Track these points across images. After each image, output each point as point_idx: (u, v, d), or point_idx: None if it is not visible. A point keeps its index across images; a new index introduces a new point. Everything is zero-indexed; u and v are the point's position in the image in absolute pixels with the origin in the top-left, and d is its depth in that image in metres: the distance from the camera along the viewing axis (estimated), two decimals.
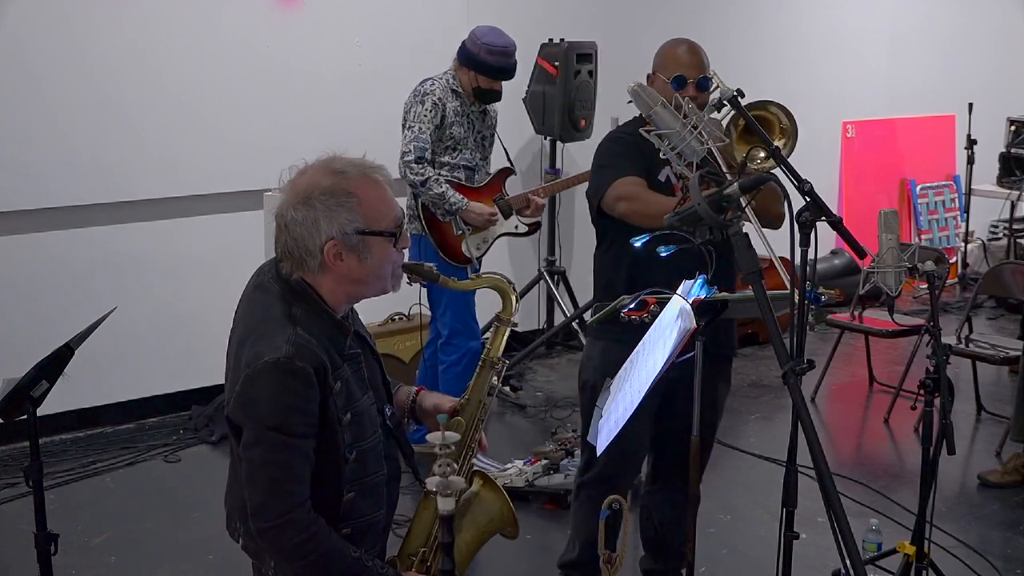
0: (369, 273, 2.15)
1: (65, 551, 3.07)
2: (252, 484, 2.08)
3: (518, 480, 4.46)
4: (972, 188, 8.03)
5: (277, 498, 2.05)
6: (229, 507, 2.28)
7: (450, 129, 4.60)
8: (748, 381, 5.96)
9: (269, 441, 2.04)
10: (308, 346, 2.06)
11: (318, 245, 2.09)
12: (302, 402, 2.05)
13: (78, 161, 4.95)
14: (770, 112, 3.08)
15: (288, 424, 2.04)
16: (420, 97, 4.59)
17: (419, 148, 4.49)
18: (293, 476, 2.06)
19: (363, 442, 2.16)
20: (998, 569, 3.94)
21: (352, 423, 2.14)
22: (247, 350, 2.08)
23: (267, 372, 2.03)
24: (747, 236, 2.29)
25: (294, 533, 2.05)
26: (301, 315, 2.10)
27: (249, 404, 2.06)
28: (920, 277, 3.61)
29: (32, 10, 4.77)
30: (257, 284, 2.21)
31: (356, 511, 2.17)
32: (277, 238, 2.15)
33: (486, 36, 4.69)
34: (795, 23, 7.64)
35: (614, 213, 3.19)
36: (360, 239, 2.10)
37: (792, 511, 2.59)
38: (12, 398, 2.73)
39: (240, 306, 2.23)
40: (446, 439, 2.02)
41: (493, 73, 4.64)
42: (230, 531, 2.28)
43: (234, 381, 2.10)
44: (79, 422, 5.13)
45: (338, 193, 2.09)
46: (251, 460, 2.07)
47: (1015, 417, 4.71)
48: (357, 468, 2.15)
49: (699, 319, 2.46)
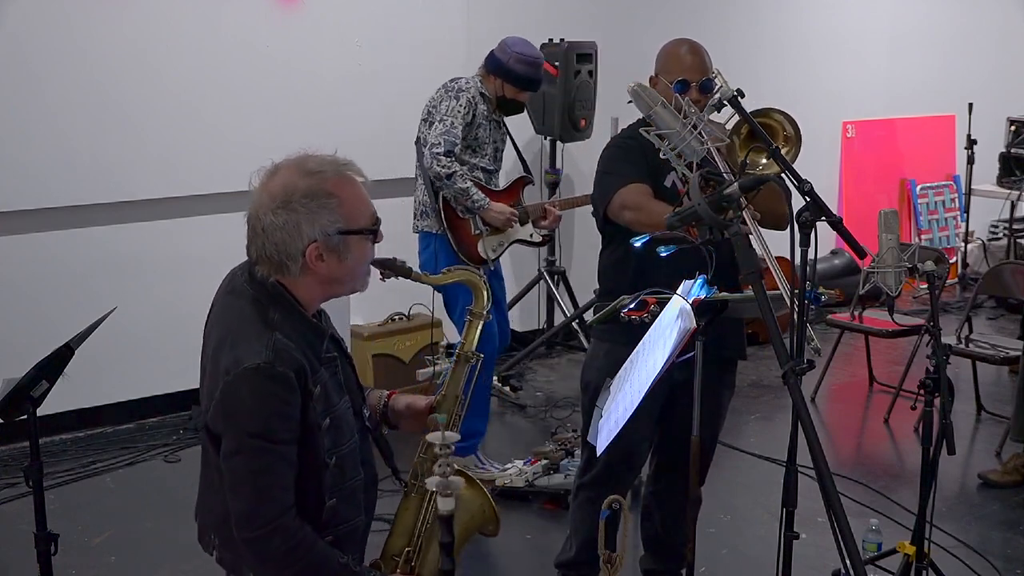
0: (347, 272, 2.13)
1: (65, 551, 3.07)
2: (236, 493, 2.03)
3: (518, 480, 4.46)
4: (972, 188, 8.04)
5: (263, 506, 2.01)
6: (201, 520, 2.24)
7: (476, 130, 4.59)
8: (748, 381, 5.95)
9: (252, 448, 2.00)
10: (288, 351, 2.02)
11: (300, 248, 2.05)
12: (284, 407, 2.01)
13: (78, 161, 4.95)
14: (774, 119, 3.09)
15: (271, 430, 2.00)
16: (455, 93, 4.54)
17: (449, 142, 4.45)
18: (278, 483, 2.02)
19: (341, 447, 2.13)
20: (998, 569, 3.94)
21: (331, 428, 2.10)
22: (225, 356, 2.04)
23: (248, 378, 1.99)
24: (747, 236, 2.29)
25: (281, 541, 2.02)
26: (278, 319, 2.07)
27: (230, 411, 2.02)
28: (920, 277, 3.61)
29: (32, 10, 4.77)
30: (230, 289, 2.16)
31: (338, 518, 2.14)
32: (252, 242, 2.11)
33: (516, 45, 4.66)
34: (795, 23, 7.64)
35: (619, 221, 3.19)
36: (341, 239, 2.07)
37: (792, 511, 2.60)
38: (12, 398, 2.73)
39: (213, 312, 2.18)
40: (446, 439, 2.02)
41: (522, 83, 4.62)
42: (203, 544, 2.24)
43: (213, 388, 2.05)
44: (79, 422, 5.13)
45: (318, 195, 2.05)
46: (234, 469, 2.03)
47: (1015, 417, 4.71)
48: (337, 474, 2.12)
49: (699, 319, 2.46)
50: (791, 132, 3.08)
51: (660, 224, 2.78)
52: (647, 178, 3.18)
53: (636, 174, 3.18)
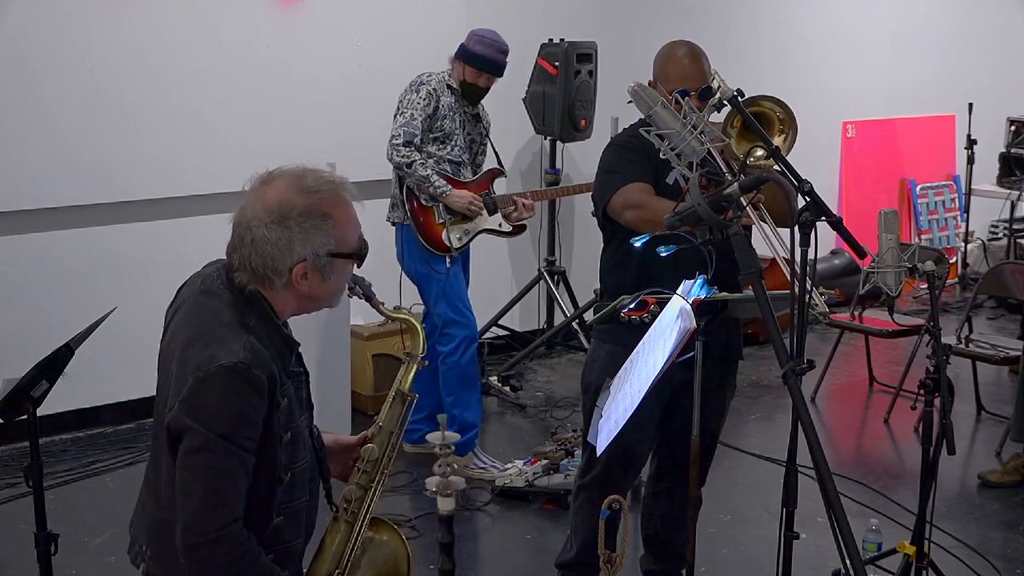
0: (327, 292, 2.12)
1: (65, 551, 3.07)
2: (188, 494, 1.96)
3: (518, 480, 4.46)
4: (972, 188, 8.04)
5: (213, 511, 1.95)
6: (135, 531, 2.20)
7: (441, 121, 4.65)
8: (748, 381, 5.95)
9: (215, 448, 1.94)
10: (263, 356, 1.99)
11: (288, 266, 2.03)
12: (252, 413, 1.97)
13: (78, 161, 4.95)
14: (764, 107, 3.07)
15: (236, 433, 1.95)
16: (416, 86, 4.65)
17: (408, 133, 4.54)
18: (232, 490, 1.96)
19: (296, 464, 2.09)
20: (998, 569, 3.94)
21: (290, 443, 2.06)
22: (197, 353, 1.98)
23: (221, 376, 1.94)
24: (747, 236, 2.29)
25: (227, 551, 1.95)
26: (255, 325, 2.04)
27: (198, 408, 1.95)
28: (920, 277, 3.61)
29: (32, 10, 4.77)
30: (204, 290, 2.11)
31: (280, 536, 2.09)
32: (235, 248, 2.07)
33: (480, 29, 4.75)
34: (795, 23, 7.64)
35: (621, 220, 3.18)
36: (329, 260, 2.06)
37: (792, 511, 2.60)
38: (12, 398, 2.73)
39: (181, 311, 2.13)
40: (446, 439, 2.02)
41: (478, 62, 4.65)
42: (132, 556, 2.20)
43: (180, 385, 1.98)
44: (79, 422, 5.13)
45: (314, 215, 2.03)
46: (191, 467, 1.96)
47: (1015, 417, 4.70)
48: (286, 491, 2.08)
49: (699, 319, 2.46)
50: (784, 115, 3.06)
51: (663, 222, 2.78)
52: (649, 176, 3.17)
53: (637, 173, 3.17)
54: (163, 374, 2.11)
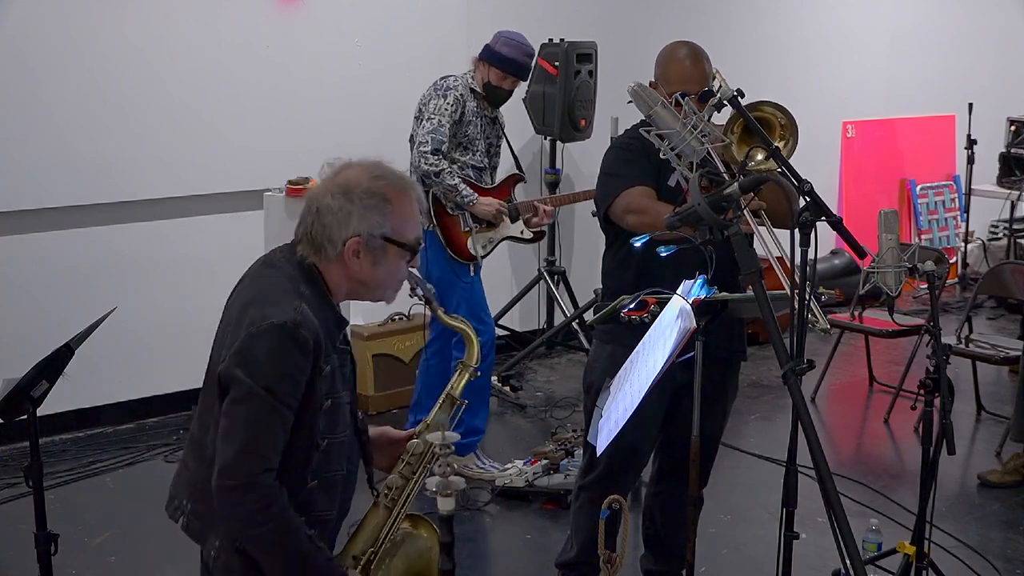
0: (376, 279, 2.22)
1: (65, 551, 3.07)
2: (227, 440, 2.07)
3: (518, 480, 4.46)
4: (972, 188, 8.04)
5: (249, 458, 2.05)
6: (174, 489, 2.28)
7: (466, 128, 4.59)
8: (748, 381, 5.95)
9: (258, 400, 2.05)
10: (311, 321, 2.10)
11: (342, 237, 2.15)
12: (296, 371, 2.08)
13: (78, 161, 4.95)
14: (766, 112, 3.07)
15: (280, 388, 2.06)
16: (443, 91, 4.55)
17: (437, 140, 4.47)
18: (269, 440, 2.07)
19: (334, 435, 2.19)
20: (998, 569, 3.94)
21: (330, 411, 2.16)
22: (252, 311, 2.11)
23: (271, 333, 2.06)
24: (747, 236, 2.29)
25: (256, 498, 2.05)
26: (308, 295, 2.15)
27: (248, 361, 2.07)
28: (920, 277, 3.61)
29: (32, 10, 4.77)
30: (265, 261, 2.26)
31: (313, 504, 2.18)
32: (303, 220, 2.20)
33: (506, 31, 4.70)
34: (795, 23, 7.64)
35: (623, 224, 3.18)
36: (382, 244, 2.18)
37: (792, 511, 2.60)
38: (12, 398, 2.73)
39: (244, 280, 2.26)
40: (446, 439, 2.02)
41: (505, 65, 4.61)
42: (170, 512, 2.27)
43: (234, 338, 2.11)
44: (79, 422, 5.13)
45: (376, 195, 2.16)
46: (234, 415, 2.07)
47: (1015, 417, 4.71)
48: (323, 459, 2.17)
49: (699, 319, 2.46)
50: (785, 121, 3.06)
51: (664, 226, 2.78)
52: (650, 179, 3.17)
53: (639, 176, 3.17)
54: (222, 328, 2.22)
